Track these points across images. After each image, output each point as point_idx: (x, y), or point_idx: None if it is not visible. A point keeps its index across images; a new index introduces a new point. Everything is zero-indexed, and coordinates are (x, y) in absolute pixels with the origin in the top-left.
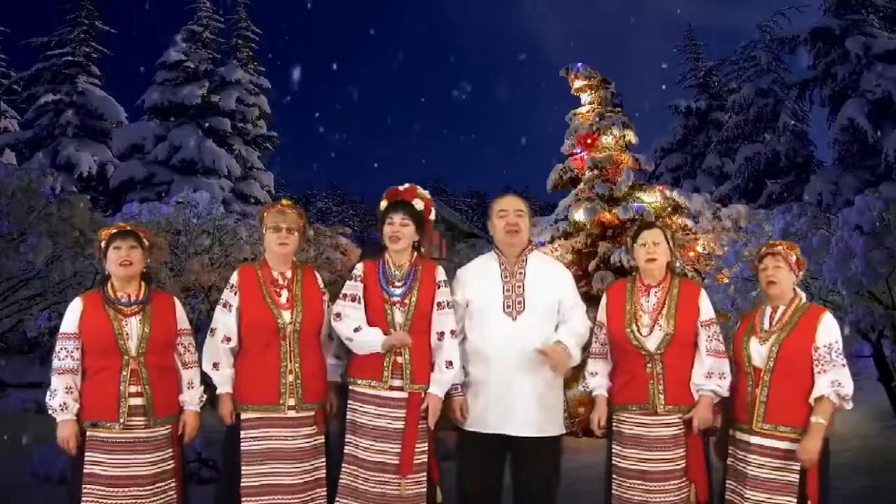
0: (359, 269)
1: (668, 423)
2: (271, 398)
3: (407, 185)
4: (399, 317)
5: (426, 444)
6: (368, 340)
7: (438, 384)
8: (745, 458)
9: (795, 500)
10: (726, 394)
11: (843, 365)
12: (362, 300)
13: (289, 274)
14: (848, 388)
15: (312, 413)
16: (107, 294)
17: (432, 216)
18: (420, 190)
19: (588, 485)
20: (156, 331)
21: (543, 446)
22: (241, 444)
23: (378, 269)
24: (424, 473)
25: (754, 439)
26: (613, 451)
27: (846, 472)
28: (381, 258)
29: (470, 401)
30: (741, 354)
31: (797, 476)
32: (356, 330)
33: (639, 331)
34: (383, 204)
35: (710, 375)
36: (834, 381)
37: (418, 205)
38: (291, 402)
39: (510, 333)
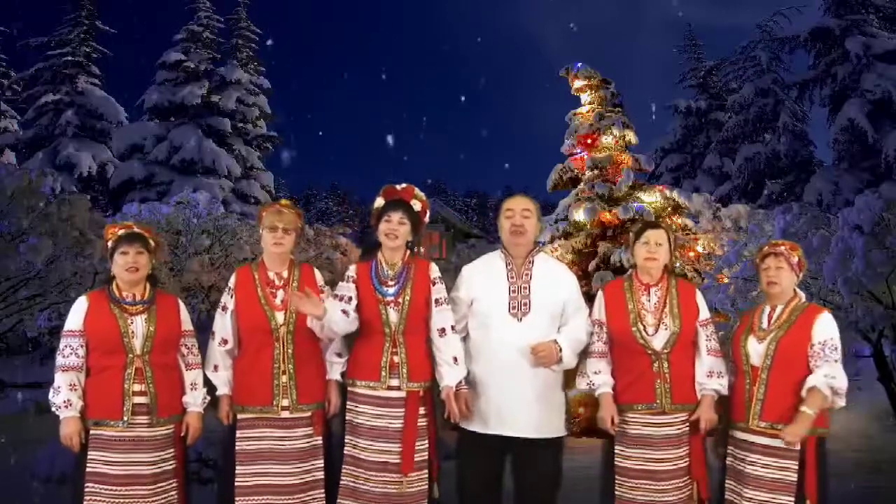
0: (352, 270)
1: (672, 422)
2: (265, 399)
3: (405, 185)
4: (393, 316)
5: (426, 442)
6: (331, 321)
7: (450, 377)
8: (744, 456)
9: (793, 499)
10: (726, 392)
11: (837, 361)
12: (354, 300)
13: (285, 274)
14: (841, 382)
15: (309, 414)
16: (112, 293)
17: (427, 219)
18: (417, 191)
19: (588, 484)
20: (161, 330)
21: (544, 448)
22: (236, 443)
23: (370, 270)
24: (426, 471)
25: (751, 437)
26: (616, 451)
27: (846, 472)
28: (374, 258)
29: (471, 399)
30: (739, 353)
31: (795, 475)
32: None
33: (645, 330)
34: (380, 201)
35: (711, 374)
36: (827, 374)
37: (416, 206)
38: (285, 402)
39: (515, 334)
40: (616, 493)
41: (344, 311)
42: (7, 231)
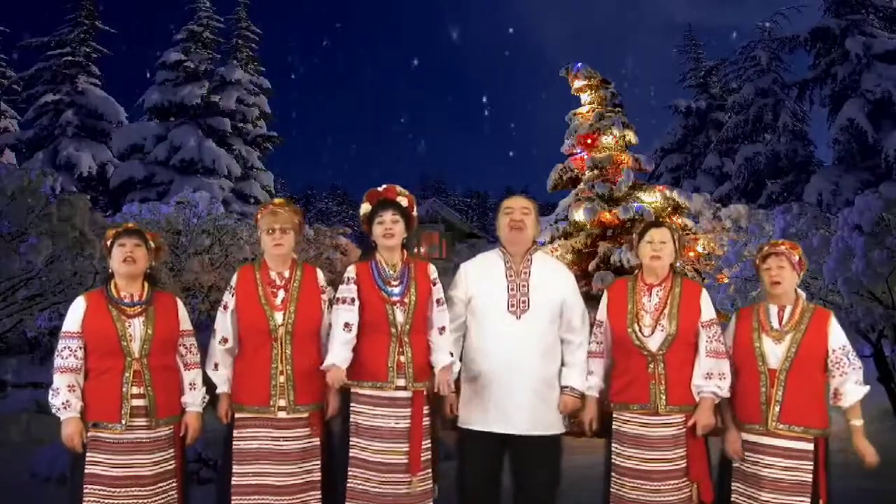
0: (351, 271)
1: (669, 423)
2: (262, 399)
3: (386, 186)
4: (400, 316)
5: (430, 442)
6: (332, 353)
7: (445, 359)
8: (759, 459)
9: (809, 500)
10: (726, 395)
11: (860, 366)
12: (356, 301)
13: (287, 274)
14: (866, 386)
15: (306, 415)
16: (109, 293)
17: (415, 213)
18: (399, 188)
19: (588, 485)
20: (158, 332)
21: (544, 446)
22: (233, 442)
23: (372, 270)
24: (430, 470)
25: (767, 440)
26: (614, 450)
27: (846, 472)
28: (373, 259)
29: (470, 397)
30: (752, 354)
31: (811, 476)
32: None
33: (641, 331)
34: (366, 206)
35: (709, 376)
36: (858, 381)
37: (403, 202)
38: (282, 403)
39: (513, 332)
40: (613, 492)
41: (347, 325)
42: (7, 231)
